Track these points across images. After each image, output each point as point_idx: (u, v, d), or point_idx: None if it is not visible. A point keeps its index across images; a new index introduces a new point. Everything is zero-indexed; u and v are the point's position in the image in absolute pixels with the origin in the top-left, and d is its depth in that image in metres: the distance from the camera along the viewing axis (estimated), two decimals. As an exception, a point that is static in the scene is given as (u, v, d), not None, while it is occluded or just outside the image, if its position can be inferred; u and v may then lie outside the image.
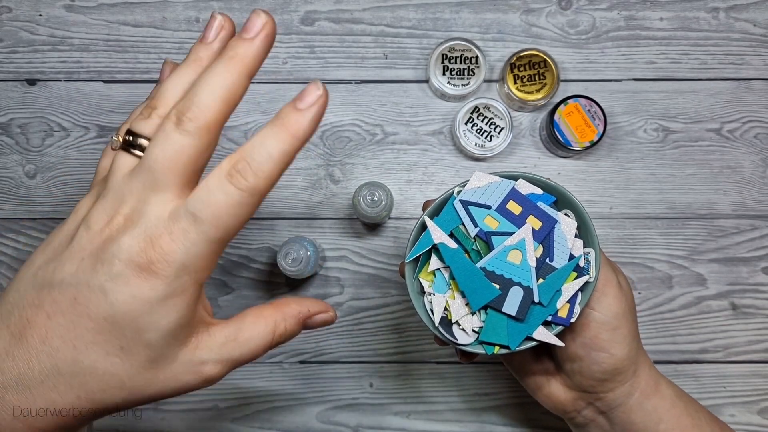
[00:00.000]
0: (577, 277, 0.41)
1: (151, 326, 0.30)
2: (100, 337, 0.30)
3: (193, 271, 0.30)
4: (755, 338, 0.61)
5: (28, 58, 0.62)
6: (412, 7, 0.62)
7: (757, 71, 0.62)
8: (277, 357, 0.60)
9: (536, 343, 0.41)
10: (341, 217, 0.61)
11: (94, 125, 0.62)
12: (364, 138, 0.62)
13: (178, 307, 0.30)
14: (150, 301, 0.29)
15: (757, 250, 0.61)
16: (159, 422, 0.60)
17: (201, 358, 0.32)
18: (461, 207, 0.41)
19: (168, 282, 0.29)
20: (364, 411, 0.60)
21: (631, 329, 0.44)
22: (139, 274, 0.29)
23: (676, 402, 0.46)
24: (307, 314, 0.38)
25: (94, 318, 0.30)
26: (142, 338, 0.30)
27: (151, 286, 0.29)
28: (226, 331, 0.33)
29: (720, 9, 0.62)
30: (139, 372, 0.31)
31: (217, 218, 0.29)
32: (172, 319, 0.30)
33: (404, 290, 0.61)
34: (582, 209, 0.42)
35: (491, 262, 0.40)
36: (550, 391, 0.47)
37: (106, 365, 0.30)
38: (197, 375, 0.32)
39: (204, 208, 0.29)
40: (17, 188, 0.61)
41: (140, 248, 0.29)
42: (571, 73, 0.62)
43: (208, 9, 0.62)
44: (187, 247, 0.29)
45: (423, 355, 0.61)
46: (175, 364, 0.31)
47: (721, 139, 0.62)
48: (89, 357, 0.30)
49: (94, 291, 0.30)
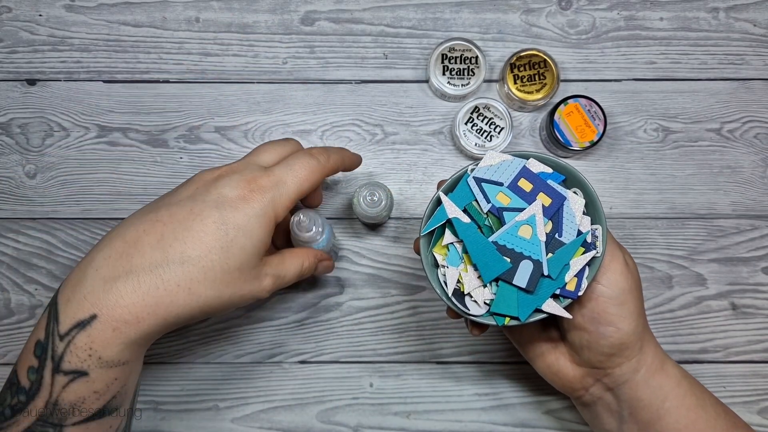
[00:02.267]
0: (585, 252, 0.42)
1: (249, 233, 0.40)
2: (207, 237, 0.39)
3: (278, 207, 0.42)
4: (755, 338, 0.61)
5: (28, 58, 0.62)
6: (412, 7, 0.62)
7: (757, 71, 0.62)
8: (277, 357, 0.60)
9: (545, 314, 0.42)
10: (341, 217, 0.61)
11: (94, 125, 0.62)
12: (364, 138, 0.62)
13: (265, 224, 0.41)
14: (249, 214, 0.40)
15: (757, 250, 0.61)
16: (159, 422, 0.60)
17: (265, 271, 0.43)
18: (475, 184, 0.43)
19: (262, 206, 0.41)
20: (364, 411, 0.60)
21: (637, 305, 0.45)
22: (244, 197, 0.41)
23: (681, 381, 0.47)
24: (320, 257, 0.50)
25: (205, 222, 0.39)
26: (239, 241, 0.39)
27: (251, 206, 0.40)
28: (278, 258, 0.45)
29: (720, 9, 0.62)
30: (230, 271, 0.39)
31: (297, 175, 0.44)
32: (262, 232, 0.41)
33: (404, 290, 0.61)
34: (590, 188, 0.43)
35: (503, 237, 0.42)
36: (559, 368, 0.49)
37: (207, 260, 0.39)
38: (260, 284, 0.42)
39: (289, 171, 0.44)
40: (17, 188, 0.61)
41: (246, 181, 0.42)
42: (571, 73, 0.62)
43: (209, 9, 0.62)
44: (277, 185, 0.42)
45: (423, 355, 0.61)
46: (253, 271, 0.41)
47: (721, 139, 0.62)
48: (195, 251, 0.39)
49: (208, 204, 0.40)
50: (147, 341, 0.40)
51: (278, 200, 0.42)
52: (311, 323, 0.61)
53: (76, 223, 0.61)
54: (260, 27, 0.62)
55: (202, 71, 0.62)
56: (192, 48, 0.62)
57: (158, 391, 0.60)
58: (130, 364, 0.40)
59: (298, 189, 0.44)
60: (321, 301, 0.61)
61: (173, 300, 0.38)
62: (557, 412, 0.60)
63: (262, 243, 0.41)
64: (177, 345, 0.60)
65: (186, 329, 0.60)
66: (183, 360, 0.60)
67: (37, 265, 0.61)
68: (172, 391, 0.60)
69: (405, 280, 0.61)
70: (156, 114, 0.62)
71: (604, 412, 0.49)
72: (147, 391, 0.60)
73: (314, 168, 0.45)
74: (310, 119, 0.62)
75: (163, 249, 0.38)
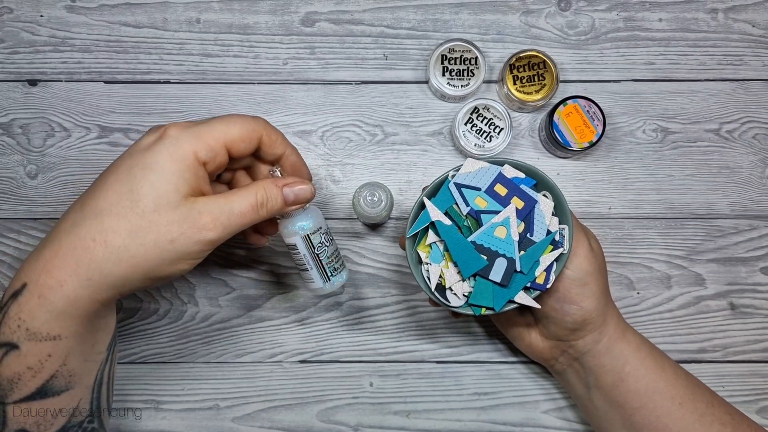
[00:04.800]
0: (553, 249, 0.47)
1: (156, 170, 0.38)
2: (117, 185, 0.38)
3: (196, 142, 0.40)
4: (754, 338, 0.61)
5: (29, 59, 0.62)
6: (412, 8, 0.63)
7: (755, 72, 0.62)
8: (277, 357, 0.61)
9: (517, 305, 0.47)
10: (341, 217, 0.62)
11: (95, 126, 0.62)
12: (364, 138, 0.62)
13: (177, 161, 0.39)
14: (157, 152, 0.39)
15: (755, 250, 0.61)
16: (159, 422, 0.60)
17: (198, 208, 0.39)
18: (455, 189, 0.48)
19: (173, 141, 0.39)
20: (364, 410, 0.60)
21: (599, 286, 0.49)
22: (156, 141, 0.40)
23: (640, 347, 0.51)
24: (284, 182, 0.44)
25: (116, 172, 0.39)
26: (147, 179, 0.38)
27: (162, 144, 0.39)
28: (220, 195, 0.41)
29: (719, 10, 0.62)
30: (144, 214, 0.37)
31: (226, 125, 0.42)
32: (174, 167, 0.38)
33: (404, 290, 0.61)
34: (558, 191, 0.48)
35: (480, 237, 0.47)
36: (531, 341, 0.54)
37: (119, 208, 0.38)
38: (194, 223, 0.38)
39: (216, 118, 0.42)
40: (18, 188, 0.61)
41: (163, 128, 0.41)
42: (570, 74, 0.62)
43: (209, 10, 0.62)
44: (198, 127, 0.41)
45: (423, 355, 0.61)
46: (176, 211, 0.38)
47: (719, 139, 0.62)
48: (107, 201, 0.38)
49: (124, 157, 0.40)
50: (80, 312, 0.38)
51: (196, 136, 0.39)
52: (311, 323, 0.61)
53: (77, 223, 0.61)
54: (261, 28, 0.62)
55: (203, 72, 0.62)
56: (193, 49, 0.62)
57: (159, 391, 0.60)
58: (65, 339, 0.38)
59: (225, 132, 0.41)
60: (321, 301, 0.61)
61: (92, 256, 0.37)
62: (557, 411, 0.60)
63: (178, 178, 0.38)
64: (178, 344, 0.61)
65: (185, 329, 0.61)
66: (184, 359, 0.61)
67: (38, 265, 0.61)
68: (173, 390, 0.60)
69: (405, 280, 0.61)
70: (157, 114, 0.62)
71: (574, 379, 0.54)
72: (147, 391, 0.60)
73: (249, 125, 0.42)
74: (311, 120, 0.62)
75: (81, 209, 0.38)
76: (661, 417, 0.49)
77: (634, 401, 0.50)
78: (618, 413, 0.51)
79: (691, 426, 0.49)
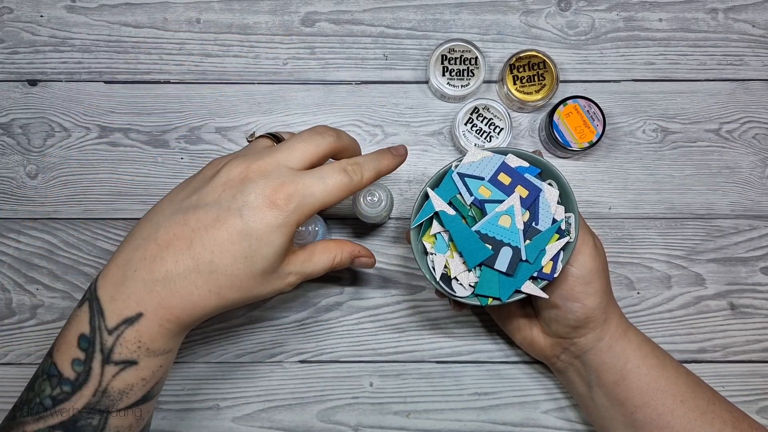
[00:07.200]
0: (559, 238, 0.47)
1: (270, 243, 0.42)
2: (233, 247, 0.41)
3: (300, 217, 0.43)
4: (753, 338, 0.61)
5: (29, 59, 0.62)
6: (412, 8, 0.63)
7: (755, 72, 0.62)
8: (277, 357, 0.61)
9: (524, 295, 0.46)
10: (341, 217, 0.62)
11: (95, 126, 0.62)
12: (364, 139, 0.62)
13: (286, 233, 0.42)
14: (272, 225, 0.41)
15: (755, 250, 0.61)
16: (159, 422, 0.60)
17: (289, 270, 0.45)
18: (458, 178, 0.47)
19: (285, 216, 0.42)
20: (364, 410, 0.60)
21: (602, 284, 0.50)
22: (268, 206, 0.41)
23: (642, 345, 0.52)
24: (358, 254, 0.50)
25: (230, 232, 0.41)
26: (262, 251, 0.42)
27: (275, 215, 0.41)
28: (303, 255, 0.46)
29: (719, 10, 0.62)
30: (254, 277, 0.42)
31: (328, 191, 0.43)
32: (283, 240, 0.42)
33: (404, 290, 0.61)
34: (564, 180, 0.47)
35: (485, 226, 0.46)
36: (532, 339, 0.55)
37: (233, 269, 0.41)
38: (284, 281, 0.45)
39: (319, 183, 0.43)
40: (18, 188, 0.61)
41: (272, 189, 0.42)
42: (570, 74, 0.62)
43: (209, 10, 0.62)
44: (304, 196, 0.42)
45: (423, 355, 0.61)
46: (275, 273, 0.44)
47: (719, 139, 0.62)
48: (222, 261, 0.41)
49: (233, 212, 0.41)
50: (185, 332, 0.45)
51: (302, 210, 0.43)
52: (311, 323, 0.61)
53: (77, 223, 0.61)
54: (261, 28, 0.62)
55: (203, 72, 0.62)
56: (193, 49, 0.62)
57: (159, 391, 0.60)
58: (173, 351, 0.44)
59: (324, 203, 0.44)
60: (321, 301, 0.61)
61: (206, 303, 0.42)
62: (557, 411, 0.60)
63: (283, 249, 0.43)
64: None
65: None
66: (184, 359, 0.61)
67: (38, 265, 0.61)
68: (173, 390, 0.60)
69: (405, 280, 0.61)
70: (157, 114, 0.62)
71: (575, 377, 0.54)
72: (148, 391, 0.60)
73: (346, 186, 0.45)
74: (311, 120, 0.62)
75: (193, 257, 0.41)
76: (663, 415, 0.50)
77: (636, 399, 0.50)
78: (619, 411, 0.51)
79: (693, 423, 0.50)
